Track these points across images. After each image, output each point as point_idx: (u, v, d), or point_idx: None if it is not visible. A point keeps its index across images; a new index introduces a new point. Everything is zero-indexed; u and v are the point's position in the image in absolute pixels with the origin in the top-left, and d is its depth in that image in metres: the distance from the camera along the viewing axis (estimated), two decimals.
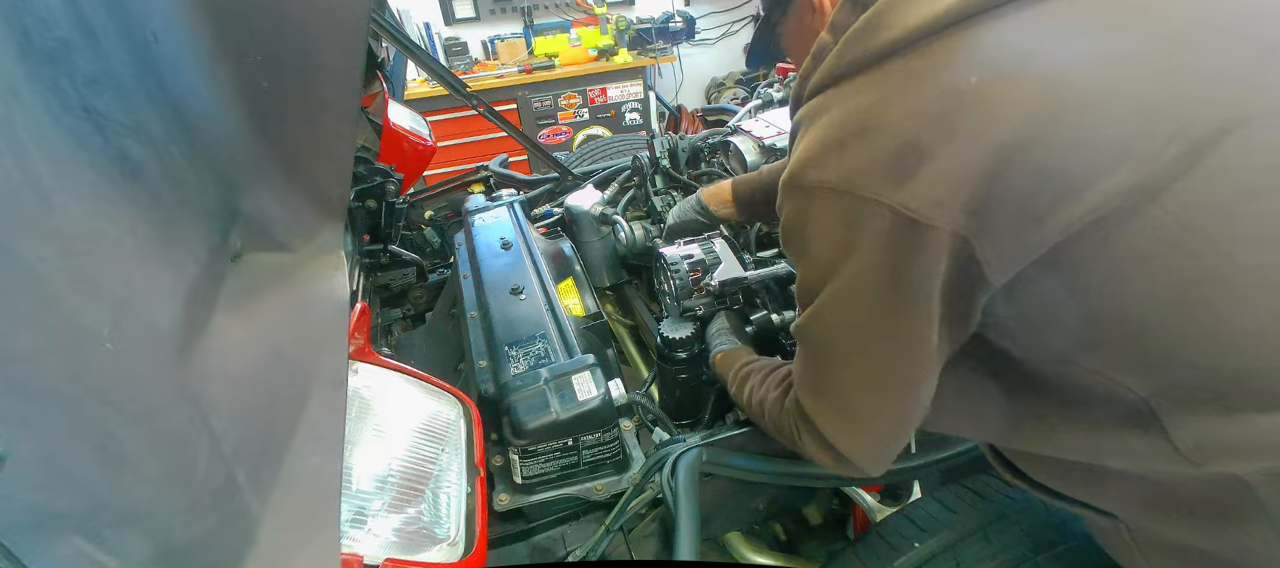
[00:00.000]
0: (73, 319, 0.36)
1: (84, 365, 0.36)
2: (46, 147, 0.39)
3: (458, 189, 2.43)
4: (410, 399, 0.89)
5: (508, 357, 1.27)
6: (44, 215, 0.36)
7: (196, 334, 0.49)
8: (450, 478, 0.81)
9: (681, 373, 1.30)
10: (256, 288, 0.61)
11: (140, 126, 0.51)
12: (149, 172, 0.50)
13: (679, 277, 1.32)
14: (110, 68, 0.49)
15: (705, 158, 1.83)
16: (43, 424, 0.32)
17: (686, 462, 1.07)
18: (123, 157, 0.47)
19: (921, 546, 0.98)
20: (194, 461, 0.43)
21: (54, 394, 0.34)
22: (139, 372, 0.40)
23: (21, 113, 0.37)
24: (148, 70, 0.55)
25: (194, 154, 0.58)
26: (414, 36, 3.81)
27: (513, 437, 1.09)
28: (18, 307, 0.33)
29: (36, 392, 0.33)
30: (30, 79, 0.39)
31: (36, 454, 0.31)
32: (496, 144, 3.92)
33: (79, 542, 0.32)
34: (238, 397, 0.51)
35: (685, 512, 1.00)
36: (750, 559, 1.26)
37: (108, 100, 0.47)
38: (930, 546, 0.98)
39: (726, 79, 5.09)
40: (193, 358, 0.47)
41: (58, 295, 0.36)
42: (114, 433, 0.36)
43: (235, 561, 0.45)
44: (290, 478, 0.52)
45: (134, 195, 0.46)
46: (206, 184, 0.59)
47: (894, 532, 1.03)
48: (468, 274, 1.66)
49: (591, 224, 1.84)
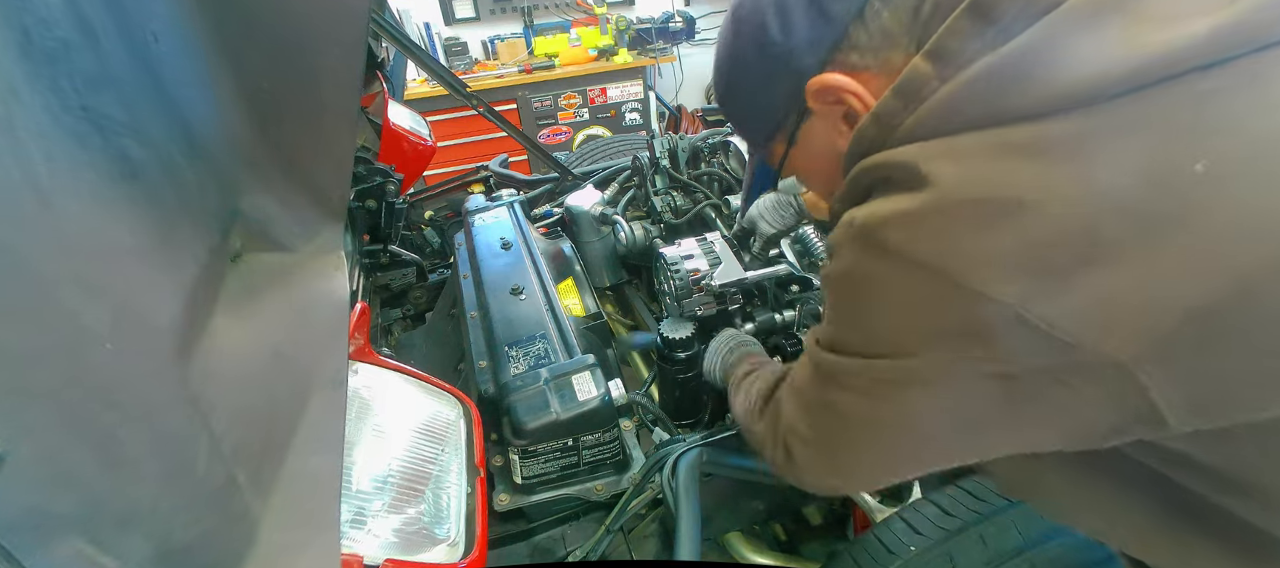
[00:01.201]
0: (73, 319, 0.36)
1: (84, 366, 0.36)
2: (46, 146, 0.39)
3: (457, 189, 2.43)
4: (410, 399, 0.89)
5: (508, 357, 1.26)
6: (44, 215, 0.36)
7: (196, 335, 0.49)
8: (450, 478, 0.81)
9: (681, 373, 1.30)
10: (256, 288, 0.61)
11: (140, 127, 0.51)
12: (148, 172, 0.50)
13: (679, 277, 1.32)
14: (110, 68, 0.49)
15: (705, 158, 1.83)
16: (43, 425, 0.32)
17: (687, 461, 1.07)
18: (122, 157, 0.47)
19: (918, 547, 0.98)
20: (194, 461, 0.43)
21: (54, 395, 0.34)
22: (139, 372, 0.40)
23: (22, 113, 0.37)
24: (147, 71, 0.55)
25: (193, 154, 0.58)
26: (414, 36, 3.81)
27: (513, 437, 1.09)
28: (18, 307, 0.33)
29: (37, 392, 0.33)
30: (30, 79, 0.39)
31: (36, 455, 0.31)
32: (496, 144, 3.92)
33: (79, 543, 0.32)
34: (238, 397, 0.51)
35: (686, 511, 1.00)
36: (750, 560, 1.26)
37: (107, 100, 0.47)
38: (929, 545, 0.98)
39: None
40: (193, 358, 0.47)
41: (58, 296, 0.35)
42: (114, 434, 0.36)
43: (235, 561, 0.45)
44: (290, 479, 0.52)
45: (133, 195, 0.46)
46: (206, 184, 0.59)
47: (892, 533, 1.03)
48: (468, 274, 1.66)
49: (591, 224, 1.84)
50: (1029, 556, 0.88)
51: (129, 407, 0.39)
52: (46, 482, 0.31)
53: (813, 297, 1.34)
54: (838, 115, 0.63)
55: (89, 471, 0.34)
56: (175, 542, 0.39)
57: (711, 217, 1.65)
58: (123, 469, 0.36)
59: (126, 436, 0.37)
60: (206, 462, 0.44)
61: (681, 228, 1.69)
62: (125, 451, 0.37)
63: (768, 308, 1.36)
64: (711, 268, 1.32)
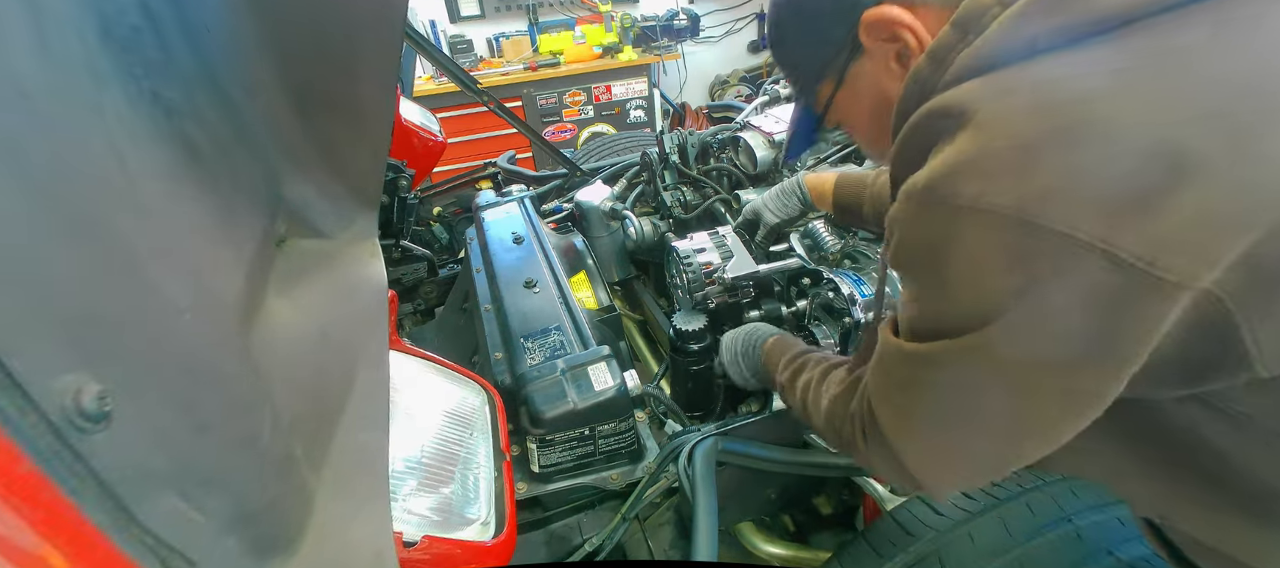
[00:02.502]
0: (157, 290, 0.38)
1: (169, 334, 0.38)
2: (128, 129, 0.41)
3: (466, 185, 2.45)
4: (437, 385, 0.91)
5: (523, 349, 1.28)
6: (130, 191, 0.38)
7: (255, 312, 0.51)
8: (479, 460, 0.83)
9: (694, 365, 1.32)
10: (301, 272, 0.63)
11: (199, 113, 0.53)
12: (208, 155, 0.52)
13: (691, 270, 1.34)
14: (172, 56, 0.51)
15: (714, 154, 1.85)
16: (139, 387, 0.34)
17: (703, 450, 1.09)
18: (186, 140, 0.49)
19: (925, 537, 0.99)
20: (260, 431, 0.45)
21: (146, 359, 0.36)
22: (212, 342, 0.42)
23: (108, 97, 0.39)
24: (202, 59, 0.57)
25: (243, 141, 0.60)
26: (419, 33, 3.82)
27: (531, 426, 1.11)
28: (114, 276, 0.35)
29: (132, 356, 0.35)
30: (113, 66, 0.41)
31: (136, 415, 0.33)
32: (502, 141, 3.93)
33: (174, 499, 0.34)
34: (292, 374, 0.53)
35: (703, 499, 1.02)
36: (763, 550, 1.28)
37: (172, 87, 0.49)
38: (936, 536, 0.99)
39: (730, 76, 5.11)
40: (254, 334, 0.49)
41: (144, 266, 0.38)
42: (196, 399, 0.39)
43: (297, 529, 0.47)
44: (341, 453, 0.54)
45: (199, 177, 0.48)
46: (254, 170, 0.61)
47: (900, 524, 1.04)
48: (480, 268, 1.68)
49: (601, 219, 1.86)
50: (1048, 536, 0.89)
51: (205, 375, 0.41)
52: (146, 441, 0.33)
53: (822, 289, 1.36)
54: (891, 54, 0.61)
55: (178, 432, 0.36)
56: (248, 507, 0.42)
57: (721, 211, 1.67)
58: (204, 434, 0.39)
59: (205, 402, 0.40)
60: (270, 432, 0.46)
61: (691, 223, 1.71)
62: (205, 416, 0.39)
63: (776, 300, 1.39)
64: (723, 261, 1.35)
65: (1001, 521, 0.96)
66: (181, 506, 0.34)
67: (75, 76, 0.37)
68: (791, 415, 1.15)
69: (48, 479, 0.28)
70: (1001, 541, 0.94)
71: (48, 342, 0.30)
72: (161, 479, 0.34)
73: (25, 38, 0.33)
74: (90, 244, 0.34)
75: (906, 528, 1.00)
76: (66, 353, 0.31)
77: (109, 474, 0.30)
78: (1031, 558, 0.92)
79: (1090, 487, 0.97)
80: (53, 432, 0.28)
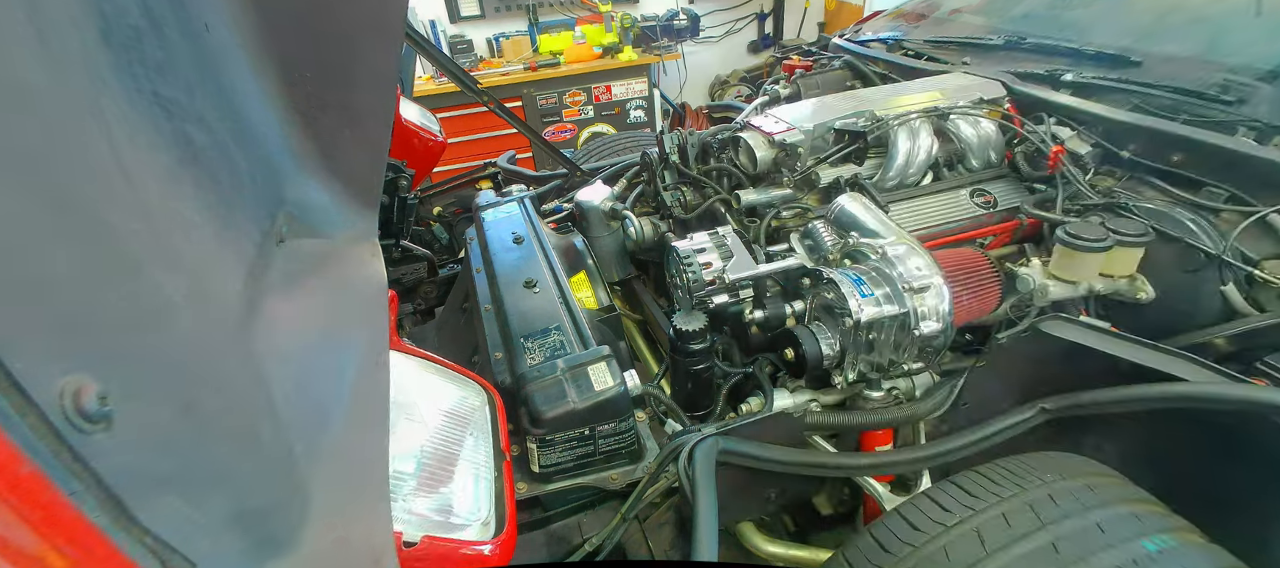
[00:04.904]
0: (158, 289, 0.38)
1: (169, 334, 0.38)
2: (128, 129, 0.41)
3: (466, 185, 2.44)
4: (437, 385, 0.91)
5: (523, 348, 1.28)
6: (130, 192, 0.38)
7: (254, 312, 0.51)
8: (479, 460, 0.83)
9: (694, 364, 1.32)
10: (301, 271, 0.63)
11: (199, 114, 0.53)
12: (208, 156, 0.52)
13: (691, 270, 1.34)
14: (172, 56, 0.51)
15: (714, 154, 1.85)
16: (140, 388, 0.34)
17: (704, 449, 1.09)
18: (186, 141, 0.49)
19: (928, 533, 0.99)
20: (259, 431, 0.45)
21: (146, 359, 0.36)
22: (212, 343, 0.42)
23: (108, 97, 0.39)
24: (202, 59, 0.57)
25: (243, 141, 0.60)
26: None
27: (531, 426, 1.11)
28: (115, 276, 0.35)
29: (133, 356, 0.35)
30: (113, 66, 0.41)
31: (137, 415, 0.33)
32: (502, 141, 3.94)
33: (174, 499, 0.34)
34: (291, 373, 0.53)
35: (703, 499, 1.02)
36: (763, 550, 1.28)
37: (172, 87, 0.49)
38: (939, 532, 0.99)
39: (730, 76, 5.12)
40: (253, 334, 0.49)
41: (144, 266, 0.38)
42: (196, 399, 0.38)
43: (296, 528, 0.47)
44: (341, 452, 0.54)
45: (198, 178, 0.48)
46: (255, 170, 0.61)
47: (920, 510, 1.03)
48: (480, 268, 1.68)
49: (601, 219, 1.86)
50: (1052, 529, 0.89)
51: (205, 375, 0.41)
52: (146, 441, 0.33)
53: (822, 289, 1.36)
54: None
55: (178, 433, 0.36)
56: (247, 506, 0.42)
57: (721, 211, 1.67)
58: (204, 434, 0.39)
59: (205, 402, 0.40)
60: (269, 432, 0.46)
61: (691, 223, 1.71)
62: (205, 416, 0.39)
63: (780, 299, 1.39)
64: (724, 261, 1.35)
65: (1004, 519, 0.96)
66: (181, 506, 0.34)
67: (75, 76, 0.37)
68: (791, 415, 1.15)
69: (48, 480, 0.28)
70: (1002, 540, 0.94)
71: (48, 342, 0.30)
72: (161, 479, 0.34)
73: (25, 38, 0.33)
74: (90, 244, 0.34)
75: (915, 525, 1.00)
76: (66, 353, 0.31)
77: (109, 474, 0.30)
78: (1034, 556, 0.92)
79: (1090, 487, 0.96)
80: (53, 432, 0.28)
